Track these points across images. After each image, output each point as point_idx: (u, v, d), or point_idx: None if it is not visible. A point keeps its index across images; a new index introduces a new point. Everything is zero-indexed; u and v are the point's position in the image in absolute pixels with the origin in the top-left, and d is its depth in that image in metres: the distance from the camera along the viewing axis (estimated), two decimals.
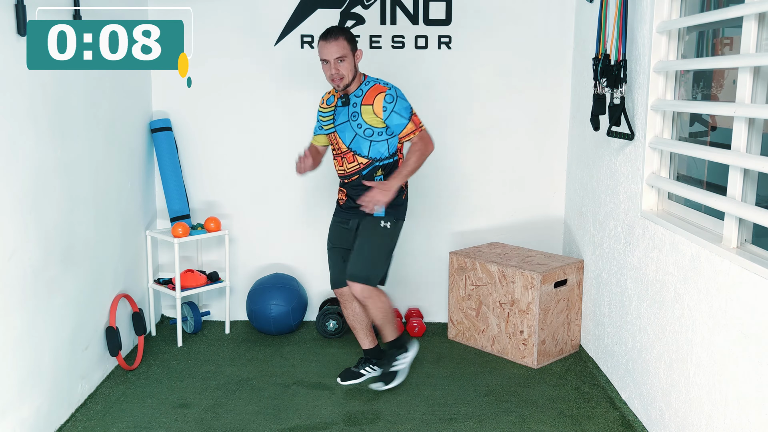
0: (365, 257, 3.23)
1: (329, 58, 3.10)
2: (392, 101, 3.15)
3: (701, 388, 2.43)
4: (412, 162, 3.17)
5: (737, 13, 2.29)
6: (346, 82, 3.15)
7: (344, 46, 3.10)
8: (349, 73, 3.14)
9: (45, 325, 2.86)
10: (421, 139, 3.21)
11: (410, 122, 3.19)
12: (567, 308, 3.78)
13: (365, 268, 3.22)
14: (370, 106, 3.17)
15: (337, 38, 3.10)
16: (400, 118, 3.16)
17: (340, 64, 3.11)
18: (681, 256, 2.60)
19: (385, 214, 3.26)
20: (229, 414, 3.15)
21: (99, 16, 3.24)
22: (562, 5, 4.04)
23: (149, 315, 4.09)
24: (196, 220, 4.24)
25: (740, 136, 2.32)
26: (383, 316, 3.32)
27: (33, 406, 2.77)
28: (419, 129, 3.21)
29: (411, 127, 3.19)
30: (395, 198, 3.24)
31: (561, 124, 4.17)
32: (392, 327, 3.40)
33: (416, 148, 3.19)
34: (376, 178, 3.25)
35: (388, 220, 3.26)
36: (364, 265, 3.22)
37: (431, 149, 3.23)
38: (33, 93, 2.74)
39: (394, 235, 3.31)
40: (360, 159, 3.24)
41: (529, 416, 3.13)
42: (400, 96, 3.19)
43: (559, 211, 4.27)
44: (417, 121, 3.22)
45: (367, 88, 3.20)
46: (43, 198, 2.84)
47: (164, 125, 4.07)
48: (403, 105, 3.18)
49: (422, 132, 3.22)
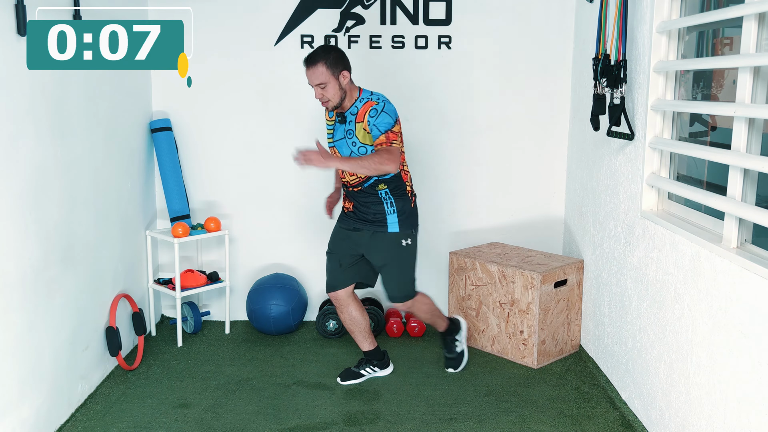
0: (398, 279, 3.36)
1: (311, 83, 3.10)
2: (375, 115, 3.08)
3: (701, 388, 2.43)
4: (361, 160, 3.01)
5: (737, 13, 2.29)
6: (333, 104, 3.13)
7: (322, 73, 3.05)
8: (334, 96, 3.10)
9: (45, 325, 2.86)
10: (385, 151, 3.02)
11: (383, 135, 3.05)
12: (567, 308, 3.78)
13: (404, 288, 3.38)
14: (361, 124, 3.13)
15: (315, 65, 3.05)
16: (376, 130, 3.07)
17: (322, 89, 3.08)
18: (681, 256, 2.59)
19: (400, 229, 3.26)
20: (229, 414, 3.15)
21: (99, 16, 3.24)
22: (562, 5, 4.04)
23: (149, 315, 4.09)
24: (196, 220, 4.24)
25: (740, 136, 2.32)
26: (429, 315, 3.53)
27: (33, 406, 2.77)
28: (388, 143, 3.05)
29: (381, 139, 3.05)
30: (406, 209, 3.27)
31: (561, 124, 4.17)
32: (440, 319, 3.59)
33: (375, 155, 3.02)
34: (380, 191, 3.24)
35: (408, 236, 3.30)
36: (401, 286, 3.38)
37: (386, 167, 2.99)
38: (33, 93, 2.74)
39: (414, 248, 3.38)
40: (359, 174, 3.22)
41: (529, 416, 3.13)
42: (386, 110, 3.09)
43: (559, 211, 4.27)
44: (390, 137, 3.06)
45: (360, 105, 3.15)
46: (43, 198, 2.84)
47: (164, 125, 4.06)
48: (384, 120, 3.07)
49: (390, 147, 3.04)
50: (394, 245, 3.28)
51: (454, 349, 3.64)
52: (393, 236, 3.27)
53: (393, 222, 3.26)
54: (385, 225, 3.26)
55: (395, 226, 3.26)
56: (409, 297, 3.39)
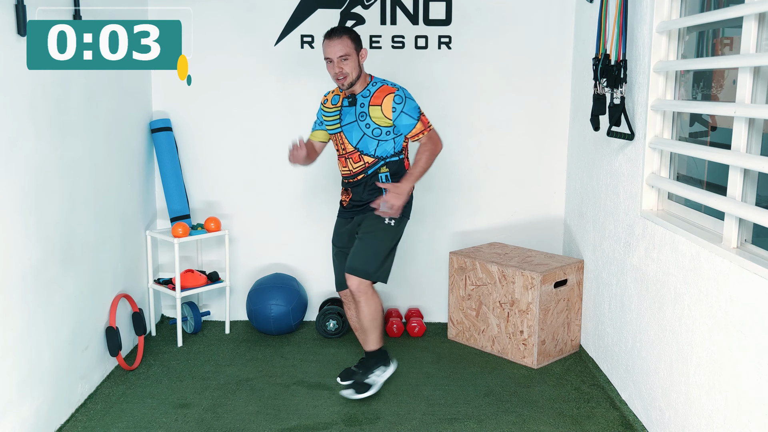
0: (366, 251, 3.20)
1: (333, 56, 3.11)
2: (401, 102, 3.17)
3: (701, 388, 2.43)
4: (423, 161, 3.18)
5: (737, 13, 2.29)
6: (350, 80, 3.15)
7: (348, 45, 3.11)
8: (353, 71, 3.14)
9: (45, 325, 2.86)
10: (430, 138, 3.22)
11: (419, 122, 3.20)
12: (567, 308, 3.78)
13: (365, 261, 3.19)
14: (379, 107, 3.17)
15: (341, 37, 3.10)
16: (409, 118, 3.18)
17: (343, 62, 3.11)
18: (681, 256, 2.60)
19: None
20: (229, 414, 3.15)
21: (99, 16, 3.24)
22: (562, 5, 4.04)
23: (149, 315, 4.09)
24: (196, 220, 4.24)
25: (740, 136, 2.32)
26: (372, 319, 3.24)
27: (33, 406, 2.77)
28: (428, 129, 3.23)
29: (420, 127, 3.21)
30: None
31: (561, 124, 4.17)
32: (378, 335, 3.30)
33: (426, 148, 3.20)
34: (381, 175, 3.25)
35: (393, 219, 3.25)
36: (364, 258, 3.19)
37: (440, 148, 3.25)
38: (33, 93, 2.74)
39: (397, 232, 3.28)
40: (366, 158, 3.25)
41: (529, 416, 3.13)
42: (409, 97, 3.21)
43: (559, 211, 4.27)
44: (425, 121, 3.24)
45: (374, 89, 3.21)
46: (43, 198, 2.84)
47: (164, 125, 4.07)
48: (412, 105, 3.20)
49: (431, 132, 3.24)
50: (376, 220, 3.24)
51: (367, 376, 3.31)
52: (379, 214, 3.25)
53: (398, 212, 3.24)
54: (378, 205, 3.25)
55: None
56: (367, 275, 3.17)
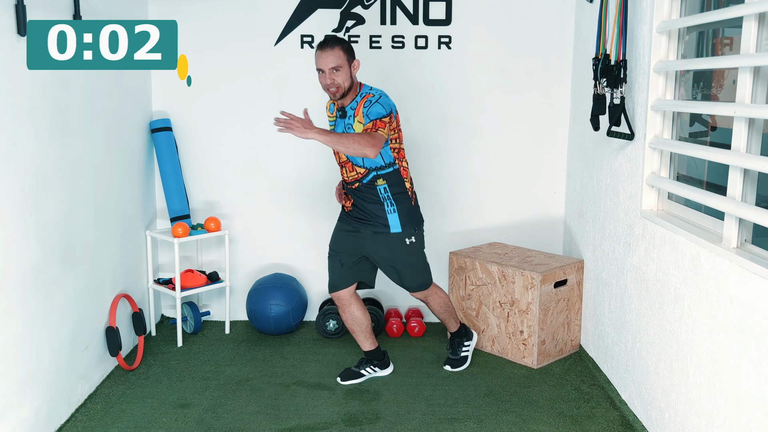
0: (413, 272, 3.40)
1: (324, 67, 3.07)
2: (369, 105, 3.09)
3: (701, 388, 2.43)
4: (343, 137, 2.95)
5: (737, 13, 2.29)
6: (341, 92, 3.11)
7: (340, 56, 3.06)
8: (344, 82, 3.10)
9: (45, 325, 2.86)
10: (367, 134, 2.98)
11: (371, 122, 3.03)
12: (567, 308, 3.78)
13: (417, 278, 3.42)
14: (358, 117, 3.13)
15: (333, 48, 3.06)
16: (367, 118, 3.07)
17: (335, 73, 3.07)
18: (681, 256, 2.59)
19: (402, 229, 3.26)
20: (229, 414, 3.15)
21: (99, 16, 3.24)
22: (562, 5, 4.04)
23: (149, 315, 4.09)
24: (196, 220, 4.24)
25: (740, 136, 2.32)
26: (444, 308, 3.56)
27: (33, 406, 2.77)
28: (373, 129, 3.02)
29: (368, 126, 3.03)
30: (406, 207, 3.27)
31: (561, 124, 4.17)
32: (453, 318, 3.63)
33: (357, 135, 2.98)
34: (379, 187, 3.24)
35: (411, 234, 3.30)
36: (415, 277, 3.41)
37: (365, 150, 2.93)
38: (33, 93, 2.74)
39: (421, 242, 3.39)
40: (358, 169, 3.23)
41: (529, 416, 3.13)
42: (380, 102, 3.09)
43: (559, 211, 4.27)
44: (377, 124, 3.03)
45: (359, 99, 3.15)
46: (43, 198, 2.84)
47: (164, 125, 4.07)
48: (376, 109, 3.06)
49: (373, 132, 3.01)
50: (398, 246, 3.29)
51: (458, 352, 3.68)
52: (396, 237, 3.27)
53: (395, 223, 3.25)
54: (387, 226, 3.26)
55: (397, 226, 3.26)
56: (424, 286, 3.45)
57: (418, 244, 3.35)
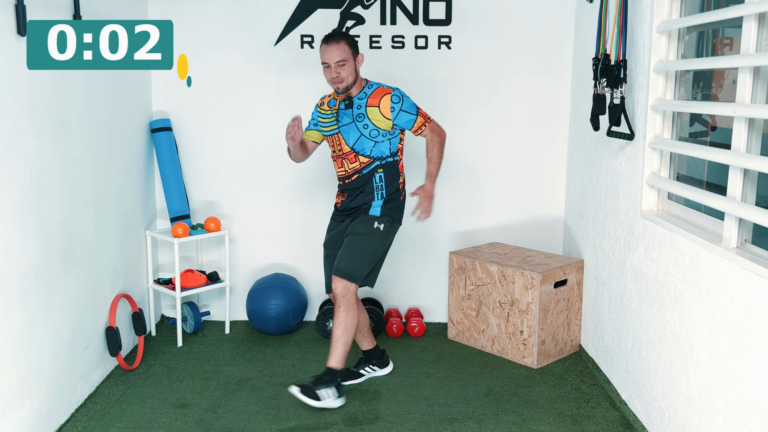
0: (353, 253, 3.20)
1: (330, 61, 3.13)
2: (399, 101, 3.24)
3: (701, 388, 2.43)
4: (436, 156, 3.33)
5: (737, 13, 2.29)
6: (346, 85, 3.19)
7: (345, 50, 3.14)
8: (349, 76, 3.17)
9: (45, 325, 2.86)
10: (433, 130, 3.32)
11: (418, 116, 3.29)
12: (567, 308, 3.78)
13: (351, 263, 3.18)
14: (377, 108, 3.21)
15: (338, 42, 3.13)
16: (409, 114, 3.26)
17: (340, 67, 3.14)
18: (681, 256, 2.59)
19: (380, 214, 3.27)
20: (229, 414, 3.15)
21: (99, 16, 3.24)
22: (562, 5, 4.04)
23: (149, 315, 4.09)
24: (196, 220, 4.24)
25: (740, 136, 2.32)
26: (344, 330, 3.16)
27: (33, 406, 2.77)
28: (429, 120, 3.32)
29: (420, 121, 3.29)
30: (393, 199, 3.31)
31: (561, 124, 4.17)
32: (344, 352, 3.19)
33: (434, 142, 3.32)
34: (376, 175, 3.27)
35: (382, 222, 3.27)
36: (350, 260, 3.19)
37: (445, 136, 3.37)
38: (33, 93, 2.74)
39: (387, 237, 3.30)
40: (362, 158, 3.27)
41: (529, 416, 3.13)
42: (405, 95, 3.28)
43: (559, 211, 4.27)
44: (424, 114, 3.32)
45: (371, 91, 3.26)
46: (43, 198, 2.83)
47: (164, 125, 4.06)
48: (409, 102, 3.28)
49: (432, 123, 3.33)
50: (366, 223, 3.28)
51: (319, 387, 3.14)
52: (369, 217, 3.30)
53: (376, 207, 3.31)
54: (369, 208, 3.31)
55: (376, 210, 3.30)
56: (352, 278, 3.15)
57: (383, 235, 3.26)
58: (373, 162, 3.28)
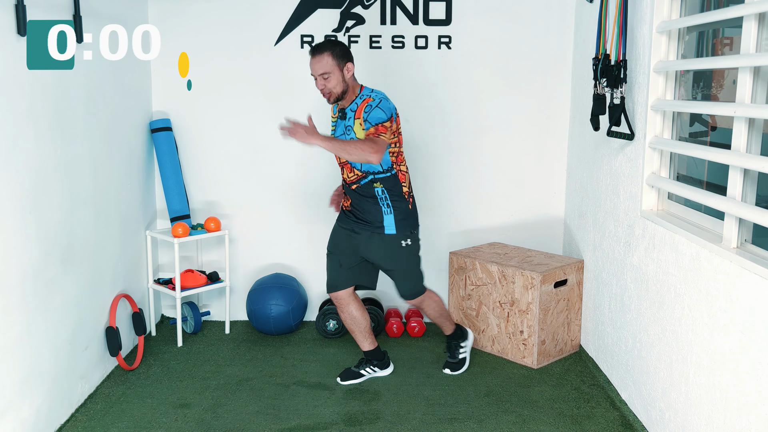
0: (405, 280, 3.40)
1: (314, 74, 3.12)
2: (369, 110, 3.08)
3: (701, 388, 2.43)
4: (346, 144, 2.98)
5: (737, 13, 2.29)
6: (334, 96, 3.14)
7: (328, 63, 3.07)
8: (336, 87, 3.12)
9: (45, 325, 2.86)
10: (370, 140, 2.99)
11: (373, 127, 3.03)
12: (567, 308, 3.78)
13: (412, 286, 3.42)
14: (359, 120, 3.14)
15: (321, 54, 3.08)
16: (368, 123, 3.07)
17: (325, 80, 3.10)
18: (681, 256, 2.59)
19: (397, 231, 3.26)
20: (229, 414, 3.15)
21: (99, 16, 3.24)
22: (562, 5, 4.04)
23: (149, 315, 4.09)
24: (196, 220, 4.24)
25: (740, 136, 2.32)
26: (438, 313, 3.56)
27: (33, 406, 2.77)
28: (375, 135, 3.02)
29: (370, 131, 3.03)
30: (403, 209, 3.27)
31: (561, 124, 4.17)
32: (448, 321, 3.63)
33: (360, 141, 3.01)
34: (377, 189, 3.23)
35: (405, 237, 3.29)
36: (410, 285, 3.42)
37: (369, 156, 2.94)
38: (33, 93, 2.74)
39: (416, 245, 3.38)
40: (356, 171, 3.24)
41: (529, 416, 3.13)
42: (381, 106, 3.08)
43: (559, 211, 4.27)
44: (379, 129, 3.03)
45: (359, 102, 3.16)
46: (43, 198, 2.83)
47: (164, 125, 4.06)
48: (377, 114, 3.05)
49: (376, 138, 3.01)
50: (393, 247, 3.29)
51: (457, 355, 3.65)
52: (391, 238, 3.27)
53: (390, 224, 3.26)
54: (382, 227, 3.26)
55: (392, 228, 3.26)
56: (418, 294, 3.44)
57: (414, 247, 3.35)
58: (366, 176, 3.21)
